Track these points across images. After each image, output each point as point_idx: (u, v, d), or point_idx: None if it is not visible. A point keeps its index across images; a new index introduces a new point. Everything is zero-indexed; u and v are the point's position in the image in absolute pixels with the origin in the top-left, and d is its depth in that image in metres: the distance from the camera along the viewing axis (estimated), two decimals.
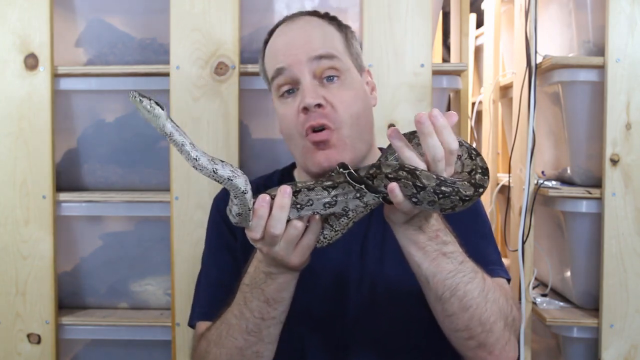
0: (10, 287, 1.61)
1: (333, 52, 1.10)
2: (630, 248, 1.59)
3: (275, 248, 0.89)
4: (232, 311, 1.00)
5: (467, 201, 0.83)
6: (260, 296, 0.96)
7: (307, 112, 1.06)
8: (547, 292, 1.84)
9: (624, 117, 1.58)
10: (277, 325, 0.99)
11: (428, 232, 0.90)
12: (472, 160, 0.89)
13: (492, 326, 0.95)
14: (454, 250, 0.93)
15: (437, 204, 0.82)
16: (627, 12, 1.57)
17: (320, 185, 0.88)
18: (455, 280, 0.92)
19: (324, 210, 0.89)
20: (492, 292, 0.96)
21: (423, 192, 0.81)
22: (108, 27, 1.69)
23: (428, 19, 1.53)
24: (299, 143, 1.09)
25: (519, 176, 1.83)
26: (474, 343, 0.95)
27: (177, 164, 1.56)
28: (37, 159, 1.60)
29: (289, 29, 1.15)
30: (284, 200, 0.86)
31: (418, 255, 0.91)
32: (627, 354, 1.60)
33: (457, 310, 0.93)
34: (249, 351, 1.00)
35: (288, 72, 1.09)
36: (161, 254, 1.67)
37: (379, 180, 0.85)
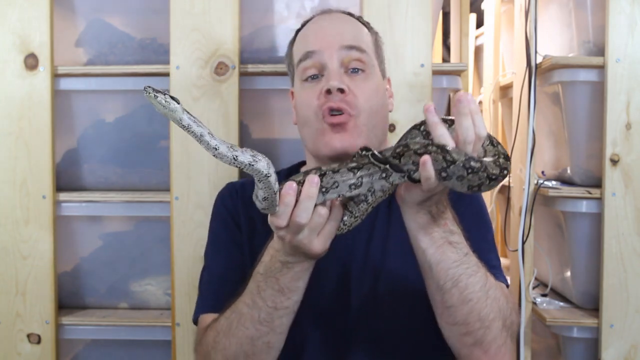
0: (10, 287, 1.61)
1: (363, 46, 1.12)
2: (630, 248, 1.59)
3: (299, 236, 0.89)
4: (244, 300, 0.99)
5: (493, 180, 0.84)
6: (274, 285, 0.95)
7: (329, 94, 1.07)
8: (547, 292, 1.84)
9: (624, 117, 1.58)
10: (290, 315, 0.98)
11: (437, 219, 0.91)
12: (494, 147, 0.90)
13: (491, 324, 0.95)
14: (460, 241, 0.93)
15: (466, 180, 0.83)
16: (627, 12, 1.57)
17: (346, 167, 0.89)
18: (458, 271, 0.92)
19: (350, 192, 0.89)
20: (493, 289, 0.96)
21: (453, 167, 0.82)
22: (108, 27, 1.69)
23: (428, 19, 1.53)
24: (314, 125, 1.09)
25: (519, 176, 1.83)
26: (470, 339, 0.95)
27: (177, 164, 1.56)
28: (37, 159, 1.60)
29: (324, 19, 1.17)
30: (312, 189, 0.86)
31: (425, 240, 0.91)
32: (627, 354, 1.60)
33: (457, 302, 0.93)
34: (260, 341, 0.99)
35: (317, 56, 1.10)
36: (161, 254, 1.67)
37: (407, 158, 0.85)
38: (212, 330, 1.05)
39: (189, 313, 1.22)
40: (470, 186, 0.84)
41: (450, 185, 0.85)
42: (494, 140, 0.91)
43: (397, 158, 0.86)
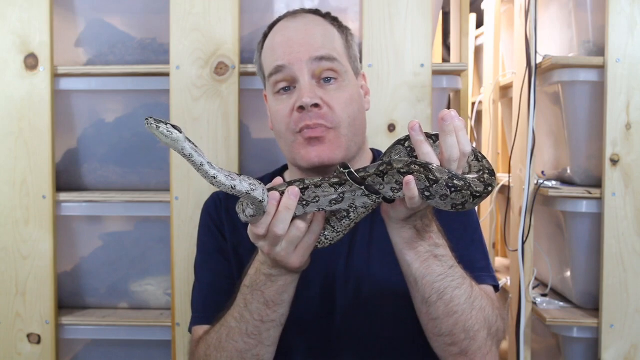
0: (10, 287, 1.61)
1: (333, 55, 1.10)
2: (630, 248, 1.59)
3: (276, 248, 0.89)
4: (232, 314, 1.00)
5: (477, 197, 0.84)
6: (260, 298, 0.96)
7: (302, 111, 1.06)
8: (547, 292, 1.84)
9: (624, 117, 1.58)
10: (277, 327, 0.99)
11: (422, 233, 0.91)
12: (479, 162, 0.90)
13: (476, 334, 0.95)
14: (445, 254, 0.93)
15: (449, 199, 0.83)
16: (627, 12, 1.57)
17: (328, 182, 0.89)
18: (443, 284, 0.92)
19: (330, 207, 0.89)
20: (479, 300, 0.96)
21: (436, 186, 0.82)
22: (108, 27, 1.69)
23: (428, 19, 1.53)
24: (289, 139, 1.09)
25: (519, 176, 1.83)
26: (456, 349, 0.96)
27: (177, 164, 1.56)
28: (37, 159, 1.60)
29: (291, 26, 1.14)
30: (290, 201, 0.86)
31: (410, 254, 0.92)
32: (627, 354, 1.60)
33: (442, 315, 0.93)
34: (249, 354, 0.99)
35: (287, 70, 1.09)
36: (161, 254, 1.67)
37: (390, 177, 0.85)
38: (203, 344, 1.06)
39: (189, 313, 1.22)
40: (454, 204, 0.84)
41: (434, 204, 0.85)
42: (478, 155, 0.91)
43: (381, 176, 0.86)
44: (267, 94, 1.17)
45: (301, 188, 0.88)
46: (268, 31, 1.18)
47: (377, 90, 1.51)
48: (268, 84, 1.14)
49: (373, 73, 1.53)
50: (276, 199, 0.87)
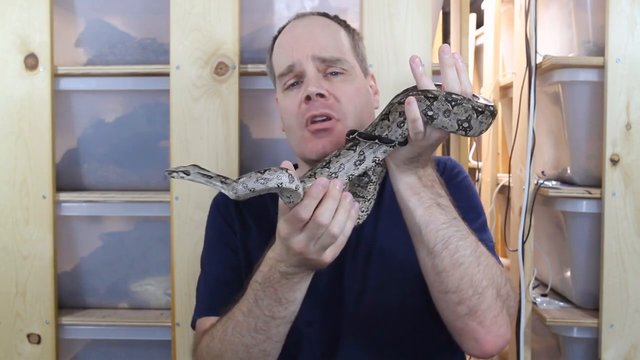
0: (10, 287, 1.61)
1: (339, 55, 1.10)
2: (630, 248, 1.59)
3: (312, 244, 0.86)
4: (240, 308, 0.99)
5: (480, 113, 0.84)
6: (272, 295, 0.95)
7: (309, 101, 1.07)
8: (547, 292, 1.84)
9: (624, 117, 1.58)
10: (287, 324, 0.98)
11: (424, 180, 0.92)
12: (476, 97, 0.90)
13: (484, 291, 0.93)
14: (448, 205, 0.94)
15: (452, 114, 0.83)
16: (627, 12, 1.57)
17: (344, 149, 0.91)
18: (447, 233, 0.91)
19: (356, 169, 0.90)
20: (485, 256, 0.95)
21: (436, 102, 0.83)
22: (108, 27, 1.69)
23: (428, 19, 1.53)
24: (298, 134, 1.10)
25: (519, 176, 1.83)
26: (464, 309, 0.93)
27: (177, 164, 1.56)
28: (37, 159, 1.60)
29: (297, 25, 1.16)
30: (335, 191, 0.84)
31: (413, 200, 0.92)
32: (627, 354, 1.60)
33: (448, 267, 0.92)
34: (256, 349, 0.99)
35: (295, 67, 1.10)
36: (161, 254, 1.67)
37: (394, 113, 0.87)
38: (207, 336, 1.05)
39: (189, 313, 1.22)
40: (459, 121, 0.84)
41: (439, 125, 0.85)
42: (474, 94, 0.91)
43: (386, 118, 0.88)
44: (277, 90, 1.17)
45: (324, 164, 0.90)
46: (277, 35, 1.20)
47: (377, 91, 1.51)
48: (278, 83, 1.15)
49: (373, 73, 1.53)
50: (324, 185, 0.84)
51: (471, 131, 0.85)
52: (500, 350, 0.97)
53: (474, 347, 0.96)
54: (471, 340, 0.95)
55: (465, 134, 0.86)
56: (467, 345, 0.97)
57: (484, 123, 0.85)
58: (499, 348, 0.96)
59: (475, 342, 0.95)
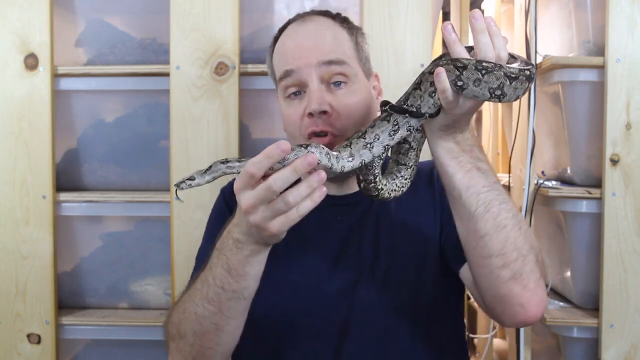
0: (10, 287, 1.61)
1: (342, 58, 1.10)
2: (630, 248, 1.59)
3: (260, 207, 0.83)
4: (200, 276, 0.98)
5: (514, 79, 0.81)
6: (224, 264, 0.92)
7: (311, 117, 1.07)
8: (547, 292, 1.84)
9: (624, 117, 1.58)
10: (239, 300, 0.95)
11: (462, 145, 0.90)
12: (515, 59, 0.87)
13: (527, 254, 0.91)
14: (488, 169, 0.92)
15: (483, 83, 0.81)
16: (627, 12, 1.57)
17: (379, 119, 0.90)
18: (489, 196, 0.89)
19: (391, 138, 0.90)
20: (524, 222, 0.93)
21: (466, 72, 0.81)
22: (108, 27, 1.69)
23: (428, 19, 1.53)
24: (300, 141, 1.09)
25: (519, 176, 1.83)
26: (508, 273, 0.90)
27: (177, 164, 1.56)
28: (37, 159, 1.60)
29: (301, 30, 1.14)
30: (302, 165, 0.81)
31: (452, 164, 0.90)
32: (627, 354, 1.60)
33: (491, 230, 0.89)
34: (207, 321, 0.96)
35: (296, 75, 1.09)
36: (161, 254, 1.67)
37: (425, 83, 0.85)
38: (175, 305, 1.04)
39: None
40: (490, 90, 0.81)
41: (470, 94, 0.82)
42: (514, 54, 0.88)
43: (417, 88, 0.86)
44: (279, 95, 1.16)
45: (361, 135, 0.90)
46: (278, 35, 1.18)
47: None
48: (279, 88, 1.14)
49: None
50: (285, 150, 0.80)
51: (505, 98, 0.83)
52: (541, 316, 0.95)
53: (519, 313, 0.93)
54: (517, 306, 0.93)
55: (500, 100, 0.83)
56: (512, 311, 0.94)
57: (519, 89, 0.82)
58: (542, 312, 0.95)
59: (521, 307, 0.92)
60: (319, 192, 0.83)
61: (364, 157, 0.90)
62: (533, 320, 0.94)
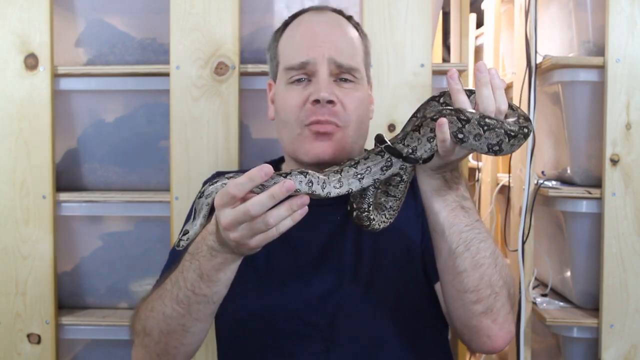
0: (10, 287, 1.61)
1: (354, 64, 1.11)
2: (630, 248, 1.59)
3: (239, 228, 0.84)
4: (170, 277, 0.99)
5: (512, 137, 0.82)
6: (196, 269, 0.93)
7: (316, 104, 1.06)
8: (547, 292, 1.84)
9: (624, 117, 1.58)
10: (208, 304, 0.96)
11: (450, 183, 0.92)
12: (514, 111, 0.89)
13: (500, 291, 0.95)
14: (471, 208, 0.94)
15: (483, 138, 0.82)
16: (627, 12, 1.57)
17: (373, 153, 0.90)
18: (470, 235, 0.92)
19: (383, 174, 0.90)
20: (500, 258, 0.96)
21: (468, 125, 0.81)
22: (108, 27, 1.69)
23: (428, 19, 1.53)
24: (295, 131, 1.08)
25: (519, 176, 1.83)
26: (480, 307, 0.94)
27: (177, 164, 1.56)
28: (37, 159, 1.60)
29: (316, 20, 1.14)
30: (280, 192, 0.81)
31: (438, 202, 0.92)
32: (627, 354, 1.60)
33: (469, 267, 0.92)
34: (175, 322, 0.97)
35: (309, 66, 1.08)
36: (161, 254, 1.66)
37: (425, 127, 0.85)
38: (143, 302, 1.05)
39: None
40: (489, 145, 0.82)
41: (469, 147, 0.84)
42: (513, 105, 0.90)
43: (417, 130, 0.86)
44: (277, 82, 1.15)
45: (353, 164, 0.90)
46: (289, 20, 1.17)
47: (377, 91, 1.51)
48: (283, 74, 1.12)
49: (373, 73, 1.52)
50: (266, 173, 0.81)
51: (501, 153, 0.84)
52: (506, 346, 0.99)
53: (486, 344, 0.97)
54: (484, 337, 0.97)
55: (495, 155, 0.85)
56: (479, 341, 0.98)
57: (515, 145, 0.84)
58: (507, 344, 0.99)
59: (488, 338, 0.97)
60: (300, 212, 0.84)
61: (352, 186, 0.90)
62: (498, 351, 0.99)
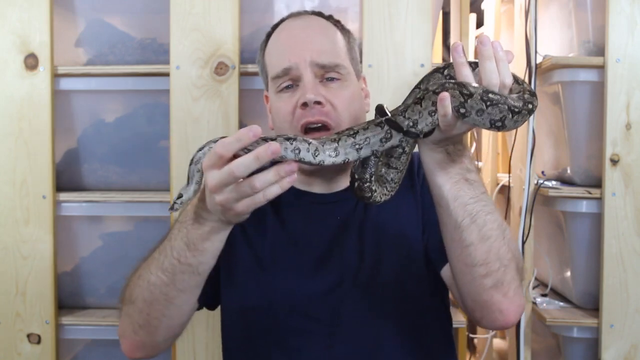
0: (10, 287, 1.61)
1: (337, 61, 1.10)
2: (630, 248, 1.59)
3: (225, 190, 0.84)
4: (159, 247, 1.00)
5: (516, 113, 0.81)
6: (183, 237, 0.94)
7: (305, 107, 1.06)
8: (547, 292, 1.84)
9: (624, 117, 1.58)
10: (193, 274, 0.96)
11: (454, 156, 0.90)
12: (519, 85, 0.87)
13: (509, 264, 0.93)
14: (477, 180, 0.92)
15: (486, 114, 0.80)
16: (627, 12, 1.57)
17: (372, 124, 0.88)
18: (476, 207, 0.91)
19: (382, 145, 0.88)
20: (507, 231, 0.95)
21: (470, 100, 0.80)
22: (108, 27, 1.69)
23: (428, 19, 1.53)
24: None
25: (519, 176, 1.83)
26: (490, 281, 0.93)
27: (177, 164, 1.56)
28: (37, 159, 1.60)
29: (294, 25, 1.15)
30: (265, 154, 0.81)
31: (441, 176, 0.90)
32: (627, 354, 1.60)
33: (476, 240, 0.91)
34: (158, 290, 0.97)
35: (291, 72, 1.09)
36: None
37: (427, 100, 0.83)
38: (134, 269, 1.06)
39: None
40: (492, 121, 0.81)
41: (471, 122, 0.82)
42: (519, 79, 0.88)
43: (419, 103, 0.84)
44: (269, 93, 1.16)
45: (351, 133, 0.88)
46: (271, 31, 1.18)
47: (378, 90, 1.51)
48: (271, 84, 1.14)
49: (373, 73, 1.53)
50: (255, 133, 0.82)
51: (504, 129, 0.83)
52: (518, 320, 0.99)
53: (498, 319, 0.96)
54: (496, 312, 0.95)
55: (498, 130, 0.83)
56: (491, 317, 0.96)
57: (519, 121, 0.82)
58: (518, 318, 0.98)
59: (500, 313, 0.95)
60: (288, 179, 0.83)
61: (349, 156, 0.88)
62: (510, 325, 0.98)
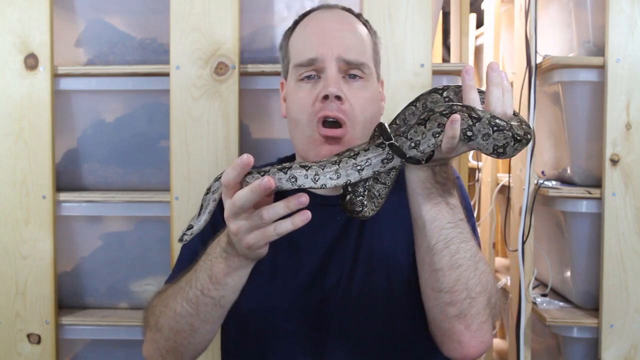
0: (10, 287, 1.61)
1: (363, 60, 1.10)
2: (630, 248, 1.59)
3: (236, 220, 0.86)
4: (186, 275, 1.00)
5: (518, 141, 0.82)
6: (207, 270, 0.95)
7: (325, 100, 1.05)
8: (547, 292, 1.84)
9: (624, 117, 1.58)
10: (216, 307, 0.97)
11: (438, 177, 0.90)
12: (516, 116, 0.89)
13: (477, 296, 0.92)
14: (457, 206, 0.92)
15: (491, 139, 0.82)
16: (627, 12, 1.57)
17: (373, 145, 0.89)
18: (451, 233, 0.91)
19: (383, 166, 0.89)
20: (482, 263, 0.94)
21: (478, 124, 0.81)
22: (108, 27, 1.69)
23: (428, 19, 1.53)
24: (306, 131, 1.08)
25: (519, 176, 1.83)
26: (454, 310, 0.93)
27: (177, 164, 1.56)
28: (37, 159, 1.60)
29: (326, 18, 1.14)
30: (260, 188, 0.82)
31: (422, 194, 0.91)
32: (627, 354, 1.60)
33: (446, 266, 0.91)
34: (183, 321, 0.98)
35: (317, 63, 1.08)
36: (161, 254, 1.67)
37: (432, 121, 0.84)
38: (157, 296, 1.06)
39: None
40: (495, 146, 0.82)
41: (475, 146, 0.83)
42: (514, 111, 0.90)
43: (423, 124, 0.85)
44: (287, 80, 1.15)
45: (352, 155, 0.88)
46: (299, 19, 1.17)
47: None
48: (293, 71, 1.12)
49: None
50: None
51: (503, 155, 0.84)
52: (480, 355, 0.97)
53: (456, 350, 0.96)
54: (455, 343, 0.95)
55: (497, 157, 0.85)
56: (450, 347, 0.96)
57: (517, 150, 0.84)
58: (480, 354, 0.97)
59: (459, 344, 0.95)
60: (301, 217, 0.84)
61: (351, 177, 0.88)
62: (470, 359, 0.96)
